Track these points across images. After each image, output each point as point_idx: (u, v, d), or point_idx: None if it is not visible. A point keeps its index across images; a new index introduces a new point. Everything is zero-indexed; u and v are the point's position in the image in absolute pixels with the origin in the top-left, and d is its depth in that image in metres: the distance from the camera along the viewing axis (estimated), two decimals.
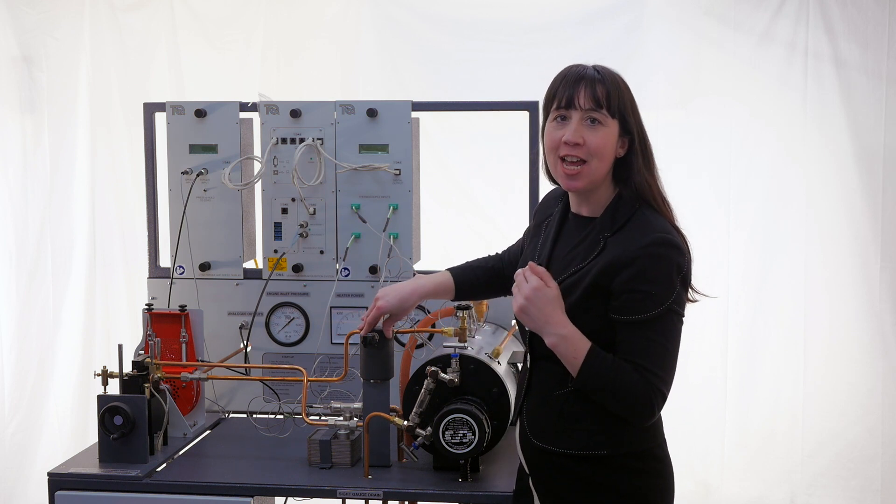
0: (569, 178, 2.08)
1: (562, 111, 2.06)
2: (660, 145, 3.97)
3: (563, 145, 2.06)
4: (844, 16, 3.90)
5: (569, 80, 2.07)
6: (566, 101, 2.05)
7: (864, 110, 3.92)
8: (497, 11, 4.07)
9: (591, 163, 2.05)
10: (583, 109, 2.04)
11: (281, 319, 3.00)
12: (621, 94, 2.07)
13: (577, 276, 2.05)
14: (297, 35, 4.15)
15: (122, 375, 2.56)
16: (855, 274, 4.00)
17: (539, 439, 2.12)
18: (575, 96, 2.05)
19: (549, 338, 2.02)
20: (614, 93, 2.06)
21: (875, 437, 4.00)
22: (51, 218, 4.17)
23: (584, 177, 2.06)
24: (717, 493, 4.09)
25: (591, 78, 2.06)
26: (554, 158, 2.10)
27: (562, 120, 2.07)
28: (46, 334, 4.18)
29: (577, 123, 2.05)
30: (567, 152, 2.06)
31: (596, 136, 2.04)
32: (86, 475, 2.44)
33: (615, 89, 2.06)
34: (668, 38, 4.00)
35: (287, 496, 2.52)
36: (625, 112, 2.07)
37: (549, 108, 2.11)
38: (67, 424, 4.21)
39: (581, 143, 2.04)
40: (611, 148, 2.07)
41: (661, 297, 1.98)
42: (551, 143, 2.09)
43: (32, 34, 4.09)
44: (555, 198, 2.29)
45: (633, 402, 1.99)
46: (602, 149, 2.05)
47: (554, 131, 2.08)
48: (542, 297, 2.02)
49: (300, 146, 2.91)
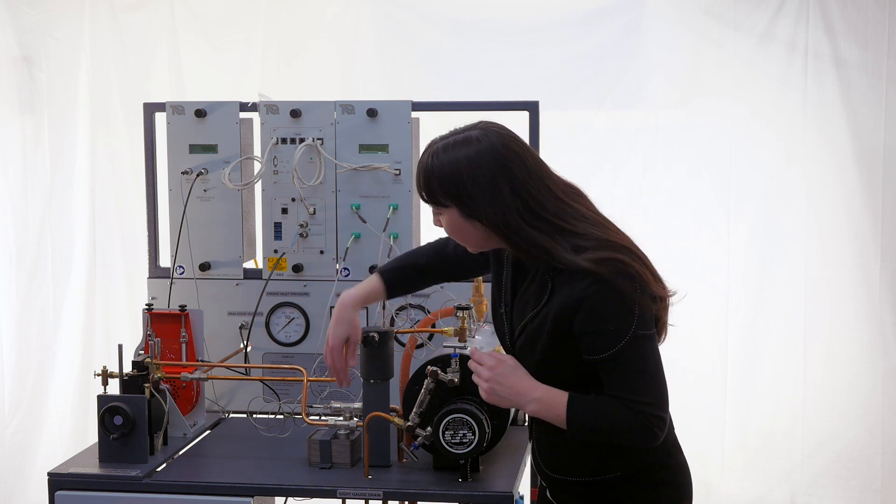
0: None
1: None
2: (660, 145, 4.05)
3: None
4: (844, 16, 3.90)
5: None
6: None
7: (864, 110, 3.92)
8: (497, 11, 4.07)
9: (457, 238, 2.09)
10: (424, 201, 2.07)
11: (281, 319, 3.00)
12: (445, 182, 1.97)
13: (536, 323, 2.00)
14: (297, 35, 4.15)
15: (122, 375, 2.56)
16: (855, 274, 4.00)
17: (552, 471, 2.12)
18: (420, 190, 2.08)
19: (528, 407, 1.99)
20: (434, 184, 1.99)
21: (875, 437, 4.00)
22: (51, 218, 4.17)
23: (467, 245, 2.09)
24: (717, 493, 4.09)
25: (420, 168, 2.02)
26: None
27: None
28: (46, 334, 4.18)
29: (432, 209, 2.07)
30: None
31: (444, 219, 2.05)
32: (86, 475, 2.44)
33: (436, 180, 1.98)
34: (668, 38, 4.00)
35: (287, 496, 2.52)
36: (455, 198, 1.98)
37: None
38: (67, 424, 4.21)
39: (440, 225, 2.07)
40: (461, 226, 2.02)
41: (622, 329, 1.90)
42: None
43: (32, 34, 4.09)
44: None
45: (630, 435, 1.95)
46: (452, 230, 2.06)
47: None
48: (502, 374, 1.99)
49: (300, 146, 2.91)
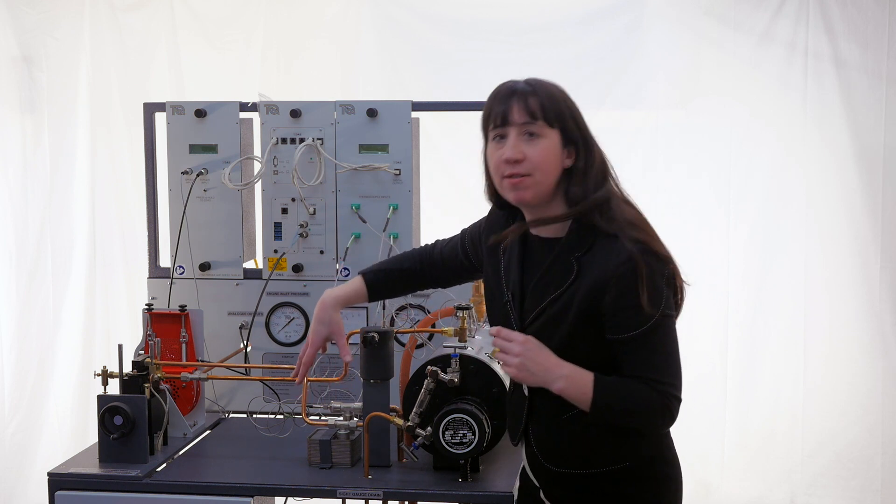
0: (515, 188, 1.99)
1: (498, 130, 2.00)
2: (660, 145, 4.05)
3: (503, 164, 1.98)
4: (844, 16, 3.90)
5: (501, 97, 2.00)
6: (501, 119, 1.99)
7: (864, 110, 3.92)
8: (497, 11, 4.07)
9: (535, 175, 1.97)
10: (518, 124, 1.97)
11: (281, 319, 3.00)
12: (558, 103, 1.99)
13: (559, 305, 1.99)
14: (297, 35, 4.15)
15: (122, 375, 2.56)
16: (855, 274, 4.00)
17: (555, 465, 2.07)
18: (508, 112, 1.98)
19: (555, 384, 1.97)
20: (548, 103, 1.98)
21: (875, 437, 4.00)
22: (51, 218, 4.17)
23: (529, 187, 1.98)
24: (717, 493, 4.09)
25: (522, 91, 1.99)
26: (499, 180, 2.02)
27: (500, 139, 2.00)
28: (46, 334, 4.18)
29: (514, 139, 1.97)
30: (509, 171, 1.98)
31: (535, 149, 1.97)
32: (86, 475, 2.44)
33: (549, 99, 1.98)
34: (668, 38, 4.00)
35: (287, 496, 2.52)
36: (564, 121, 1.98)
37: (487, 130, 2.03)
38: (67, 424, 4.21)
39: (521, 158, 1.97)
40: (553, 159, 1.98)
41: (652, 307, 1.92)
42: (493, 165, 2.02)
43: (32, 34, 4.09)
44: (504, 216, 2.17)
45: (651, 416, 1.97)
46: (543, 161, 1.97)
47: (494, 152, 2.01)
48: (532, 350, 1.98)
49: (300, 146, 2.91)
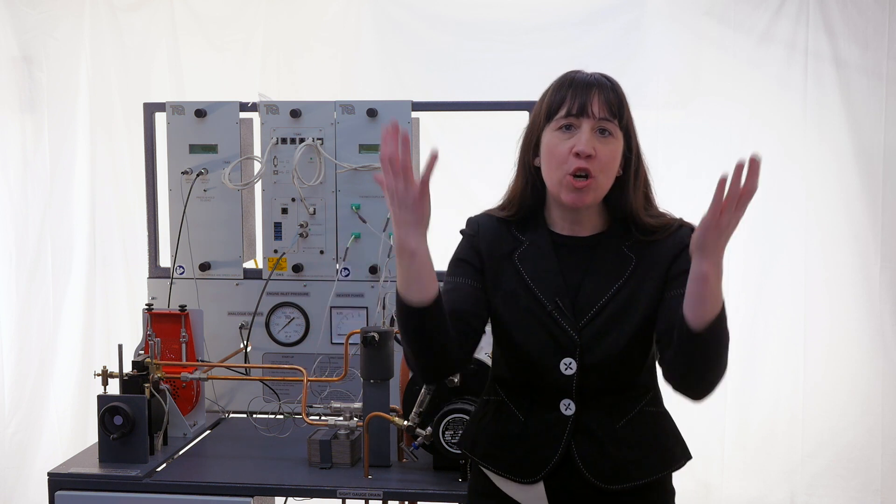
0: (578, 191, 1.86)
1: (571, 119, 1.86)
2: (660, 145, 4.04)
3: (572, 157, 1.85)
4: (844, 16, 3.90)
5: (579, 85, 1.87)
6: (578, 108, 1.85)
7: (864, 110, 3.92)
8: (497, 12, 4.07)
9: (598, 177, 1.86)
10: (597, 118, 1.85)
11: (281, 319, 3.00)
12: (628, 109, 1.91)
13: (624, 295, 1.89)
14: (297, 35, 4.15)
15: (122, 375, 2.57)
16: (855, 274, 4.00)
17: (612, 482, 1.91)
18: (588, 103, 1.85)
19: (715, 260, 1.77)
20: (625, 104, 1.90)
21: (875, 437, 4.00)
22: (51, 218, 4.17)
23: (592, 191, 1.87)
24: (717, 493, 4.09)
25: (603, 84, 1.88)
26: (561, 173, 1.87)
27: (567, 129, 1.87)
28: (46, 334, 4.18)
29: (588, 134, 1.85)
30: (579, 165, 1.84)
31: (607, 149, 1.86)
32: (86, 475, 2.44)
33: (625, 102, 1.90)
34: (668, 39, 4.00)
35: (287, 496, 2.53)
36: (630, 128, 1.91)
37: (552, 115, 1.89)
38: (67, 424, 4.21)
39: (593, 154, 1.84)
40: (617, 163, 1.89)
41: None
42: (557, 156, 1.87)
43: (32, 34, 4.09)
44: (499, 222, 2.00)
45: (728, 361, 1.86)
46: (611, 163, 1.87)
47: (561, 142, 1.87)
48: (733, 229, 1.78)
49: (300, 146, 2.91)
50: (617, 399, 1.93)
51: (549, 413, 1.93)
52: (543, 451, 1.92)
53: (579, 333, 1.89)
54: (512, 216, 2.01)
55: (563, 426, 1.91)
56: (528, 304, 1.92)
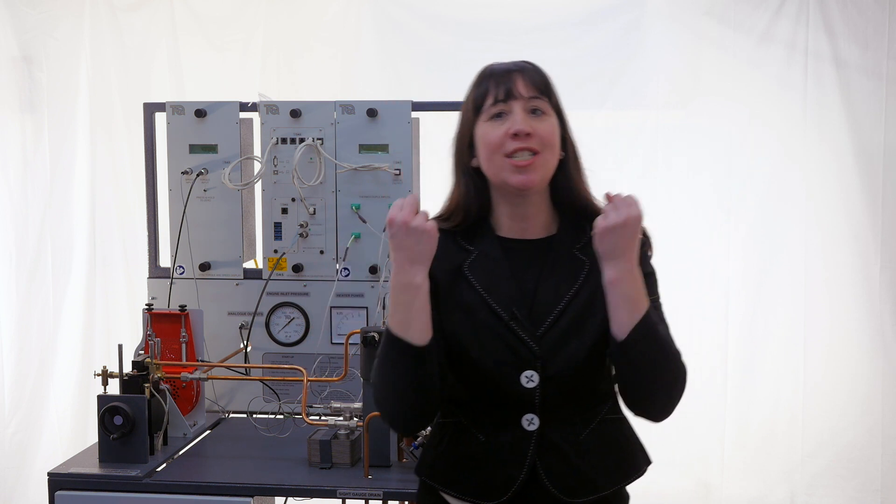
0: (522, 170, 1.79)
1: (500, 105, 1.81)
2: (660, 145, 4.04)
3: (510, 139, 1.78)
4: (844, 16, 3.90)
5: (499, 74, 1.83)
6: (505, 93, 1.80)
7: (864, 110, 3.92)
8: (497, 12, 4.07)
9: (543, 153, 1.80)
10: (525, 98, 1.80)
11: (281, 319, 3.00)
12: (554, 89, 1.86)
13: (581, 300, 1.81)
14: (297, 35, 4.15)
15: (122, 375, 2.57)
16: (855, 274, 4.00)
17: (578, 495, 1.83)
18: (513, 86, 1.80)
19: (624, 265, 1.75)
20: (551, 84, 1.85)
21: (875, 437, 4.00)
22: (51, 218, 4.17)
23: (537, 168, 1.79)
24: (717, 493, 4.09)
25: (524, 68, 1.84)
26: (500, 160, 1.80)
27: (498, 117, 1.81)
28: (46, 334, 4.18)
29: (521, 114, 1.79)
30: (518, 146, 1.78)
31: (544, 125, 1.80)
32: (86, 475, 2.44)
33: (550, 82, 1.85)
34: (668, 39, 4.00)
35: (287, 496, 2.53)
36: (560, 110, 1.86)
37: (480, 109, 1.83)
38: (67, 424, 4.21)
39: (531, 132, 1.78)
40: (558, 140, 1.83)
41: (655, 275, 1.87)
42: (493, 144, 1.80)
43: (32, 34, 4.09)
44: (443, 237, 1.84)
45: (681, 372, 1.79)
46: (552, 138, 1.81)
47: (494, 129, 1.81)
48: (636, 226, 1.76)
49: (300, 146, 2.91)
50: (580, 409, 1.85)
51: (511, 430, 1.83)
52: (508, 471, 1.83)
53: (538, 343, 1.80)
54: (457, 226, 1.90)
55: (527, 442, 1.82)
56: (484, 316, 1.82)
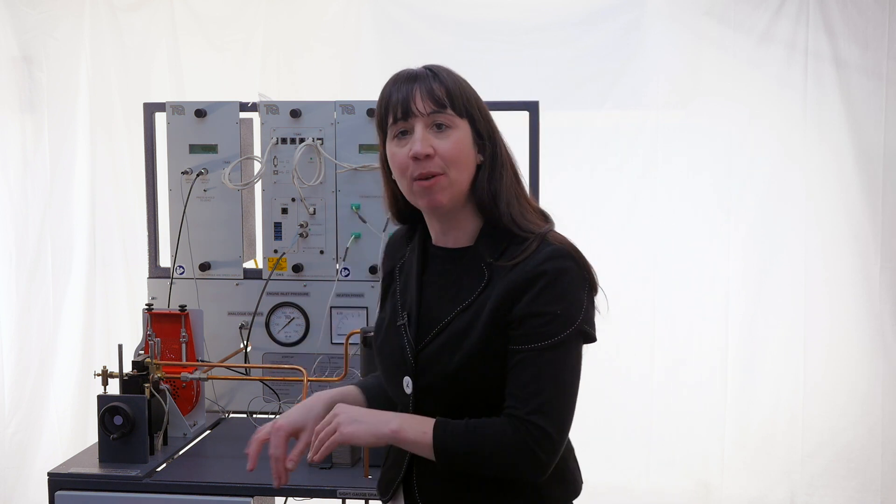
0: (426, 192, 1.73)
1: (400, 124, 1.74)
2: (660, 145, 4.04)
3: (411, 163, 1.72)
4: (844, 16, 3.89)
5: (398, 84, 1.77)
6: (403, 112, 1.74)
7: (864, 110, 3.92)
8: (497, 12, 4.07)
9: (449, 174, 1.73)
10: (424, 115, 1.73)
11: (281, 319, 3.00)
12: (465, 90, 1.78)
13: (467, 317, 1.74)
14: (297, 35, 4.15)
15: (122, 375, 2.57)
16: (855, 274, 3.99)
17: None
18: (411, 102, 1.73)
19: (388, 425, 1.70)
20: (456, 89, 1.76)
21: (875, 437, 4.00)
22: (51, 218, 4.17)
23: (443, 189, 1.73)
24: (717, 493, 4.09)
25: (423, 76, 1.77)
26: (407, 182, 1.75)
27: (402, 136, 1.75)
28: (46, 334, 4.18)
29: (422, 133, 1.72)
30: (419, 171, 1.72)
31: (447, 143, 1.73)
32: (86, 475, 2.44)
33: (455, 85, 1.77)
34: (667, 39, 4.00)
35: (287, 496, 2.53)
36: (472, 110, 1.78)
37: (386, 127, 1.78)
38: (67, 424, 4.21)
39: (431, 153, 1.72)
40: (468, 154, 1.75)
41: (570, 316, 1.69)
42: (398, 166, 1.75)
43: (32, 34, 4.09)
44: (402, 237, 1.92)
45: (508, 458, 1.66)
46: (458, 156, 1.73)
47: (399, 150, 1.74)
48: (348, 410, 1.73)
49: (300, 146, 2.91)
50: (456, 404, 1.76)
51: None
52: (393, 471, 1.85)
53: (417, 353, 1.78)
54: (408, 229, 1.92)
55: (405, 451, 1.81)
56: (392, 316, 1.85)
